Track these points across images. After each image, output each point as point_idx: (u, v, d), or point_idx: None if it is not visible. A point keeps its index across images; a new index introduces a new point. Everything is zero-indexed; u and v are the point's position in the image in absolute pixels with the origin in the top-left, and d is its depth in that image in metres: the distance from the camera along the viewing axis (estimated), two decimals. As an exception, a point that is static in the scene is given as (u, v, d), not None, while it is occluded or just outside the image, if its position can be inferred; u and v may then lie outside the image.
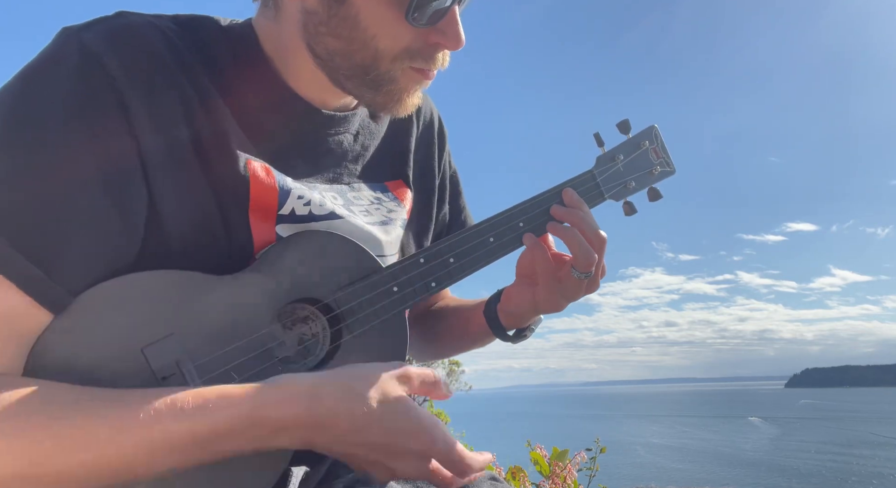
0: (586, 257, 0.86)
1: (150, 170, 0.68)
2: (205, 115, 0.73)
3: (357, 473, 0.74)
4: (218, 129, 0.73)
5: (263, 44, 0.80)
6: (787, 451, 39.84)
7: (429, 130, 1.03)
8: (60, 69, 0.65)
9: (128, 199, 0.67)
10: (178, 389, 0.62)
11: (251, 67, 0.79)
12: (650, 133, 0.97)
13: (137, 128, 0.67)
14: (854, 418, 70.37)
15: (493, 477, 0.89)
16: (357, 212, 0.85)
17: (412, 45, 0.74)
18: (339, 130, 0.86)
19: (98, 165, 0.65)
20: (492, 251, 0.87)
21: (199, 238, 0.72)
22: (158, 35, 0.71)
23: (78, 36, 0.67)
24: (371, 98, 0.79)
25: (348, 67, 0.76)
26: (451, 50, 0.77)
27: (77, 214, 0.64)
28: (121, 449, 0.58)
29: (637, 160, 0.97)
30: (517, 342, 1.01)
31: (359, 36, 0.73)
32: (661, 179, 0.99)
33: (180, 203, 0.70)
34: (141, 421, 0.59)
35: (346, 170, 0.88)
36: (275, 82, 0.80)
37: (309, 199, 0.79)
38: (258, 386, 0.65)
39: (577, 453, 2.49)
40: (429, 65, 0.77)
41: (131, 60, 0.68)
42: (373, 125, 0.93)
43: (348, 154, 0.88)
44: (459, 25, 0.75)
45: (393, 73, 0.76)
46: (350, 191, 0.88)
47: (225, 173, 0.73)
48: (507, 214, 0.88)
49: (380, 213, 0.89)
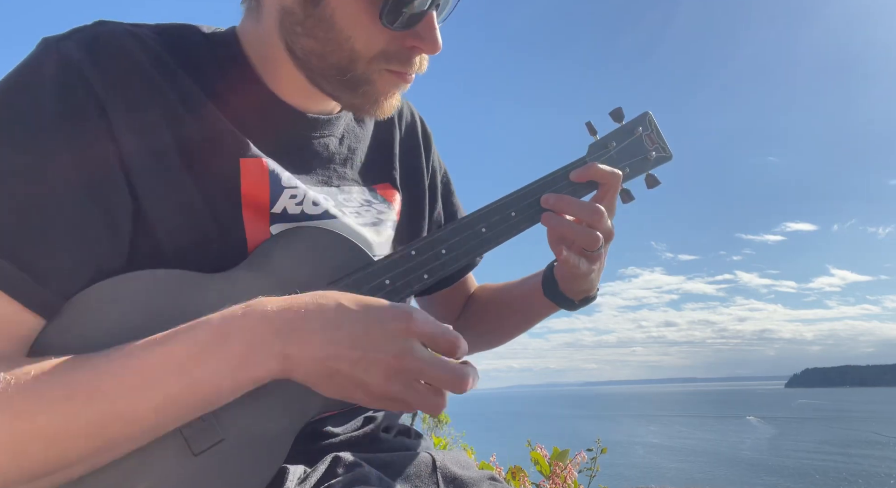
0: (588, 238, 0.85)
1: (134, 176, 0.69)
2: (192, 118, 0.73)
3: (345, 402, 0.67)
4: (208, 129, 0.74)
5: (246, 48, 0.81)
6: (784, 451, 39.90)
7: (412, 133, 1.04)
8: (40, 78, 0.66)
9: (111, 205, 0.67)
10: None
11: (234, 71, 0.79)
12: (644, 119, 0.96)
13: (118, 133, 0.68)
14: (851, 418, 70.46)
15: (493, 477, 0.89)
16: (348, 213, 0.85)
17: (388, 47, 0.74)
18: (324, 133, 0.87)
19: (80, 172, 0.66)
20: (485, 241, 0.86)
21: (192, 239, 0.72)
22: (137, 43, 0.72)
23: (57, 46, 0.68)
24: (348, 100, 0.79)
25: (325, 68, 0.76)
26: (428, 54, 0.77)
27: (62, 220, 0.64)
28: (104, 393, 0.58)
29: (631, 146, 0.95)
30: (581, 308, 1.01)
31: (334, 37, 0.73)
32: (658, 165, 0.97)
33: (168, 205, 0.71)
34: (118, 360, 0.60)
35: (334, 173, 0.88)
36: (258, 86, 0.80)
37: (301, 198, 0.79)
38: (229, 308, 0.64)
39: (578, 453, 2.50)
40: (406, 68, 0.77)
41: (110, 68, 0.69)
42: (357, 129, 0.93)
43: (335, 157, 0.88)
44: (436, 30, 0.75)
45: (369, 74, 0.76)
46: (340, 193, 0.87)
47: (215, 172, 0.74)
48: (499, 204, 0.87)
49: (370, 215, 0.89)
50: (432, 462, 0.84)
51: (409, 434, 0.94)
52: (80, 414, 0.57)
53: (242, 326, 0.62)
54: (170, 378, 0.60)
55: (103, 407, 0.58)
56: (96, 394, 0.58)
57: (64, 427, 0.57)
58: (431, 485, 0.81)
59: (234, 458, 0.66)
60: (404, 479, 0.80)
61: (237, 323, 0.62)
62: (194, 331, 0.62)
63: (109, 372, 0.59)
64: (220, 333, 0.61)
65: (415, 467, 0.82)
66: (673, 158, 0.98)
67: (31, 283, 0.63)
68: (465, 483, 0.84)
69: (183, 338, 0.61)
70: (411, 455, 0.84)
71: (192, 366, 0.60)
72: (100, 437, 0.59)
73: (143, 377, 0.59)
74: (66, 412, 0.57)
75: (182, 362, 0.60)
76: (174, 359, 0.60)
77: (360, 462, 0.77)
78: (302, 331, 0.62)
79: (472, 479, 0.85)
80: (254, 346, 0.61)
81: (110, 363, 0.60)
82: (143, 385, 0.59)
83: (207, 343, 0.61)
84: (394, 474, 0.80)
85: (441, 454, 0.87)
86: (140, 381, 0.59)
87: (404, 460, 0.83)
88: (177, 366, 0.60)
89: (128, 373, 0.59)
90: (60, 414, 0.57)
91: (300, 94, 0.82)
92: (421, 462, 0.83)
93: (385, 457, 0.81)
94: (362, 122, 0.95)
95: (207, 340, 0.61)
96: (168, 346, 0.61)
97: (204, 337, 0.61)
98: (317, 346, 0.62)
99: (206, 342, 0.61)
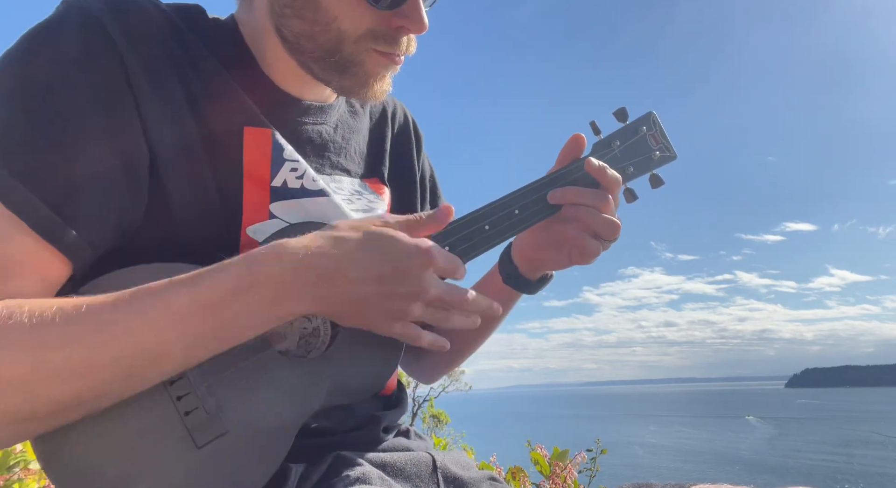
0: (607, 226, 0.85)
1: (150, 132, 0.70)
2: (201, 82, 0.75)
3: (381, 328, 0.72)
4: (217, 95, 0.76)
5: (244, 35, 0.83)
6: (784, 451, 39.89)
7: (404, 132, 1.05)
8: (64, 32, 0.68)
9: (133, 159, 0.69)
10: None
11: (235, 55, 0.81)
12: (648, 119, 0.95)
13: (136, 88, 0.69)
14: (851, 418, 70.45)
15: (493, 477, 0.90)
16: (340, 200, 0.85)
17: (375, 27, 0.76)
18: (318, 120, 0.87)
19: (104, 124, 0.67)
20: (487, 238, 0.84)
21: (199, 209, 0.73)
22: (156, 9, 0.75)
23: (79, 2, 0.70)
24: (338, 82, 0.80)
25: (313, 49, 0.77)
26: (415, 33, 0.79)
27: (89, 170, 0.66)
28: (131, 331, 0.59)
29: (635, 146, 0.94)
30: (539, 290, 0.99)
31: (321, 17, 0.74)
32: (662, 165, 0.96)
33: (181, 171, 0.72)
34: (145, 299, 0.61)
35: (327, 162, 0.88)
36: (255, 70, 0.82)
37: (303, 172, 0.80)
38: (245, 253, 0.66)
39: (578, 453, 2.50)
40: (393, 48, 0.78)
41: (130, 25, 0.71)
42: (351, 121, 0.94)
43: (329, 145, 0.89)
44: (422, 9, 0.76)
45: (357, 55, 0.77)
46: (332, 181, 0.88)
47: (220, 139, 0.75)
48: (501, 202, 0.86)
49: (361, 203, 0.90)
50: (433, 462, 0.84)
51: (409, 434, 0.94)
52: (108, 349, 0.59)
53: (270, 274, 0.64)
54: (196, 319, 0.61)
55: (130, 343, 0.59)
56: (123, 331, 0.59)
57: (92, 359, 0.58)
58: (432, 485, 0.81)
59: (238, 451, 0.66)
60: (405, 479, 0.80)
61: (264, 270, 0.64)
62: (221, 274, 0.63)
63: (135, 310, 0.60)
64: (248, 280, 0.63)
65: (415, 467, 0.82)
66: (677, 158, 0.98)
67: (62, 225, 0.64)
68: (466, 483, 0.84)
69: (210, 281, 0.62)
70: (412, 455, 0.84)
71: (221, 308, 0.62)
72: (128, 372, 0.60)
73: (171, 317, 0.61)
74: (94, 346, 0.58)
75: (210, 304, 0.62)
76: (202, 300, 0.62)
77: (362, 461, 0.77)
78: (331, 275, 0.66)
79: (473, 479, 0.85)
80: (284, 292, 0.64)
81: (136, 301, 0.61)
82: (170, 325, 0.60)
83: (236, 288, 0.62)
84: (394, 473, 0.80)
85: (441, 454, 0.87)
86: (167, 321, 0.60)
87: (405, 460, 0.83)
88: (205, 307, 0.62)
89: (155, 312, 0.60)
90: (89, 347, 0.58)
91: (294, 80, 0.84)
92: (421, 462, 0.84)
93: (386, 457, 0.81)
94: (356, 115, 0.96)
95: (235, 285, 0.63)
96: (195, 288, 0.62)
97: (231, 282, 0.63)
98: (346, 287, 0.66)
99: (234, 287, 0.62)
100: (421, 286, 0.68)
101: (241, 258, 0.65)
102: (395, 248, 0.68)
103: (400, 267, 0.67)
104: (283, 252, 0.65)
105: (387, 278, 0.67)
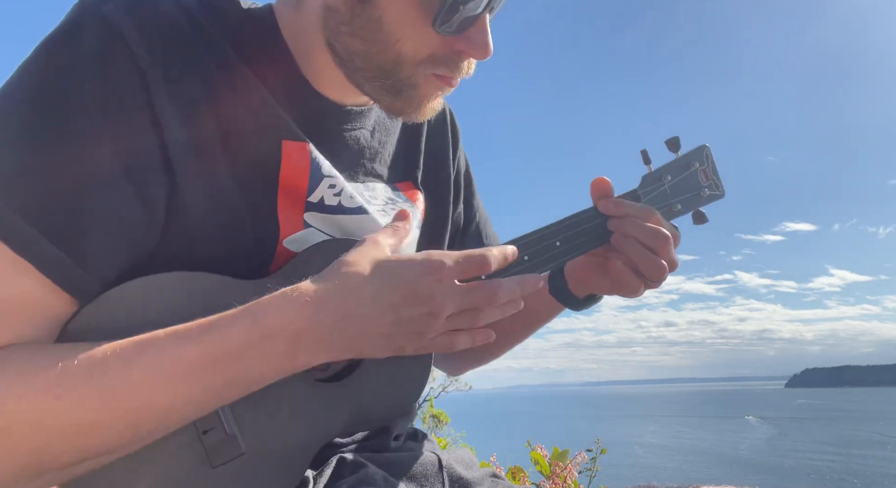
0: (653, 269, 0.79)
1: (172, 155, 0.66)
2: (232, 93, 0.70)
3: (413, 349, 0.69)
4: (250, 106, 0.71)
5: (283, 32, 0.77)
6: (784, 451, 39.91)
7: (441, 127, 1.00)
8: (82, 46, 0.63)
9: (148, 182, 0.65)
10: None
11: (270, 54, 0.76)
12: (701, 153, 0.90)
13: (157, 107, 0.65)
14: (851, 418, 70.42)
15: (495, 475, 0.89)
16: (375, 211, 0.82)
17: (437, 51, 0.71)
18: (356, 126, 0.83)
19: (120, 153, 0.63)
20: (524, 271, 0.79)
21: (223, 223, 0.70)
22: (179, 9, 0.69)
23: (98, 8, 0.65)
24: (389, 102, 0.76)
25: (368, 70, 0.72)
26: (478, 59, 0.74)
27: (100, 202, 0.62)
28: (138, 385, 0.57)
29: (685, 182, 0.89)
30: (585, 308, 0.95)
31: (382, 38, 0.69)
32: (709, 203, 0.91)
33: (203, 187, 0.68)
34: (151, 354, 0.58)
35: (361, 168, 0.85)
36: (293, 73, 0.77)
37: (341, 189, 0.77)
38: (253, 302, 0.63)
39: (578, 453, 2.50)
40: (453, 73, 0.74)
41: (152, 34, 0.66)
42: (388, 122, 0.90)
43: (365, 151, 0.85)
44: (488, 34, 0.71)
45: (415, 78, 0.72)
46: (366, 190, 0.84)
47: (254, 152, 0.71)
48: (541, 234, 0.81)
49: (395, 214, 0.85)
50: (438, 462, 0.83)
51: (418, 436, 0.93)
52: (115, 407, 0.57)
53: (283, 325, 0.61)
54: (205, 373, 0.59)
55: (138, 399, 0.58)
56: (130, 387, 0.57)
57: (97, 419, 0.57)
58: (437, 485, 0.80)
59: (252, 473, 0.66)
60: (410, 479, 0.79)
61: (276, 321, 0.61)
62: (231, 326, 0.61)
63: (143, 364, 0.58)
64: (259, 333, 0.61)
65: (420, 467, 0.81)
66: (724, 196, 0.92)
67: (71, 265, 0.61)
68: (470, 482, 0.84)
69: (219, 334, 0.60)
70: (417, 455, 0.83)
71: (232, 361, 0.60)
72: (134, 428, 0.58)
73: (183, 372, 0.59)
74: (100, 405, 0.57)
75: (221, 358, 0.59)
76: (211, 353, 0.59)
77: (365, 462, 0.76)
78: (346, 318, 0.63)
79: (476, 478, 0.85)
80: (298, 344, 0.62)
81: (143, 355, 0.58)
82: (181, 380, 0.59)
83: (249, 341, 0.60)
84: (399, 474, 0.79)
85: (446, 454, 0.87)
86: (180, 377, 0.59)
87: (410, 460, 0.82)
88: (215, 360, 0.59)
89: (161, 367, 0.58)
90: (94, 407, 0.56)
91: (336, 86, 0.79)
92: (427, 462, 0.83)
93: (391, 457, 0.81)
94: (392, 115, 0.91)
95: (248, 337, 0.60)
96: (204, 341, 0.59)
97: (243, 334, 0.60)
98: (363, 325, 0.64)
99: (246, 340, 0.60)
100: (435, 302, 0.65)
101: (247, 309, 0.62)
102: (402, 270, 0.66)
103: (410, 289, 0.65)
104: (292, 299, 0.63)
105: (399, 304, 0.65)
